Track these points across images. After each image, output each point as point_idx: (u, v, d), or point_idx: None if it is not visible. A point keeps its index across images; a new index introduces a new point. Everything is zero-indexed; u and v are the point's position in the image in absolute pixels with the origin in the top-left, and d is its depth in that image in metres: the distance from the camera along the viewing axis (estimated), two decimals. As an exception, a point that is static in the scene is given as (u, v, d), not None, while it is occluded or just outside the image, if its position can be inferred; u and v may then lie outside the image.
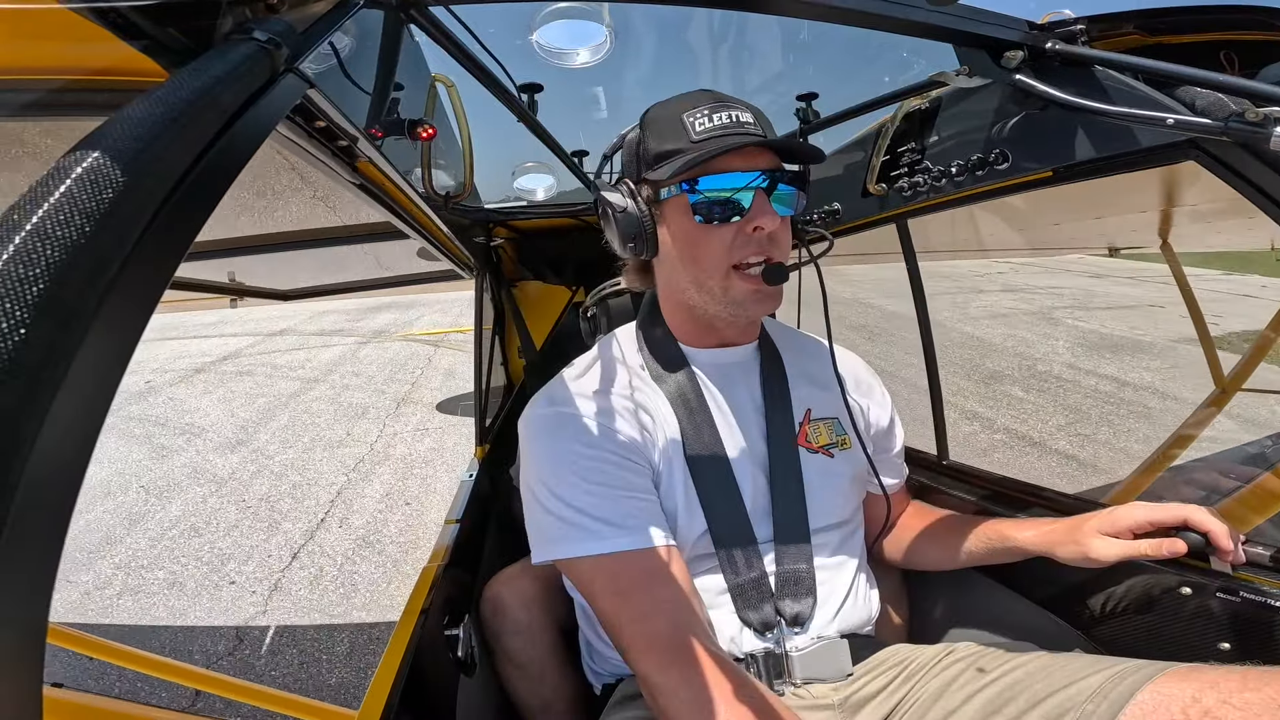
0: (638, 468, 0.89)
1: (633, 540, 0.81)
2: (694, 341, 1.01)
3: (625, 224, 0.91)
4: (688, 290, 0.94)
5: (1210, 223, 1.90)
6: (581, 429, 0.89)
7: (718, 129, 0.87)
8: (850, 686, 0.90)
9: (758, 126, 0.89)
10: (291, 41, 0.46)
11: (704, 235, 0.89)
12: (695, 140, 0.87)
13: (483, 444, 2.07)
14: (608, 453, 0.87)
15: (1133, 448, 4.44)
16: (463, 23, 0.90)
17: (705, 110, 0.89)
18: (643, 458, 0.90)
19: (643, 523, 0.83)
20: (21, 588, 0.25)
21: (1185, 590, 0.94)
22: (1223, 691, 0.62)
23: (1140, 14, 0.83)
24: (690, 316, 0.99)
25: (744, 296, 0.90)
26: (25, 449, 0.24)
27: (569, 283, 2.36)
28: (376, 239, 1.71)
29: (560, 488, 0.85)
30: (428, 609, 1.01)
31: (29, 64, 0.48)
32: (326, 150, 0.79)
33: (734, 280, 0.89)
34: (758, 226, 0.86)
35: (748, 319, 0.96)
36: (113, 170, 0.30)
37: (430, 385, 7.04)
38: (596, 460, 0.86)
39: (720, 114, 0.88)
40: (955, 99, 1.15)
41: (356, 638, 2.75)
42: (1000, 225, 1.93)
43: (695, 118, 0.88)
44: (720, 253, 0.89)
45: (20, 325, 0.25)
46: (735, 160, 0.87)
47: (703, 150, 0.85)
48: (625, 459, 0.88)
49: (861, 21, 0.80)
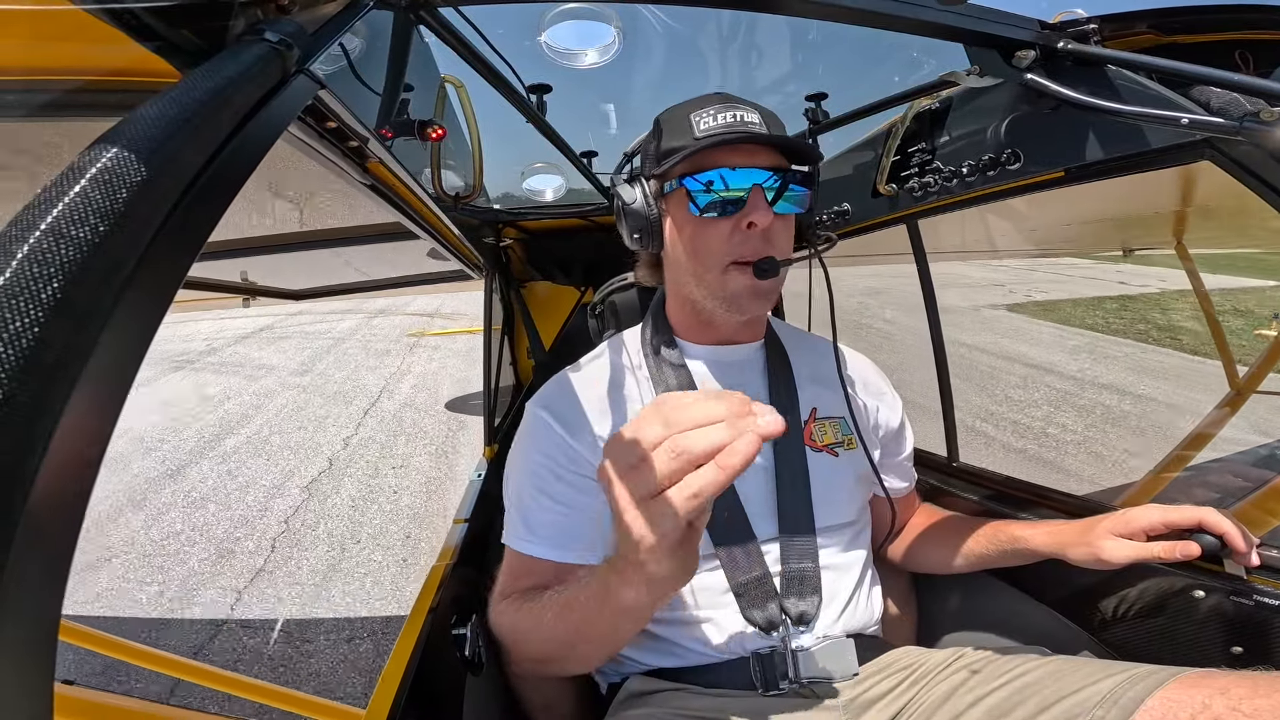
0: (582, 481, 0.92)
1: (536, 549, 0.91)
2: (696, 338, 1.03)
3: (634, 217, 0.95)
4: (689, 284, 0.96)
5: (1225, 223, 1.88)
6: (544, 437, 0.95)
7: (720, 127, 0.89)
8: (857, 688, 0.89)
9: (763, 127, 0.90)
10: (302, 43, 0.46)
11: (702, 229, 0.91)
12: (698, 137, 0.89)
13: (491, 444, 2.07)
14: (556, 464, 0.93)
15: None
16: (472, 23, 0.90)
17: (712, 110, 0.90)
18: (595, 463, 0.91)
19: (552, 535, 0.91)
20: (35, 584, 0.25)
21: (1198, 593, 0.93)
22: (1232, 698, 0.61)
23: (1153, 13, 0.83)
24: (693, 312, 1.00)
25: (739, 291, 0.91)
26: (40, 448, 0.25)
27: (578, 283, 2.36)
28: (387, 239, 1.72)
29: (516, 484, 0.97)
30: (435, 608, 1.02)
31: (44, 65, 0.49)
32: (337, 151, 0.79)
33: (731, 275, 0.91)
34: (751, 222, 0.88)
35: (743, 315, 0.96)
36: (127, 170, 0.30)
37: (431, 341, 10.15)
38: (545, 468, 0.93)
39: (725, 114, 0.89)
40: (966, 99, 1.14)
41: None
42: (1011, 226, 1.92)
43: (701, 117, 0.91)
44: (718, 247, 0.90)
45: (35, 324, 0.25)
46: (734, 156, 0.88)
47: (708, 149, 0.87)
48: (571, 472, 0.92)
49: (871, 21, 0.80)
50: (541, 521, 0.92)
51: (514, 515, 0.95)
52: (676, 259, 0.97)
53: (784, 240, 0.93)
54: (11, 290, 0.25)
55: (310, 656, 2.67)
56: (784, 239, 0.92)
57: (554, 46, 1.29)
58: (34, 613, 0.25)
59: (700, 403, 0.51)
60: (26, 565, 0.24)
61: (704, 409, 0.51)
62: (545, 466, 0.93)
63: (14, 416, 0.24)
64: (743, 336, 1.03)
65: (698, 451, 0.49)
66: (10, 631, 0.24)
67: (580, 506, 0.91)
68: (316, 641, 2.77)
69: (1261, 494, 1.04)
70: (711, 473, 0.49)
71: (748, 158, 0.88)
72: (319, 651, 2.70)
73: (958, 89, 1.11)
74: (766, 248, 0.89)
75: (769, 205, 0.88)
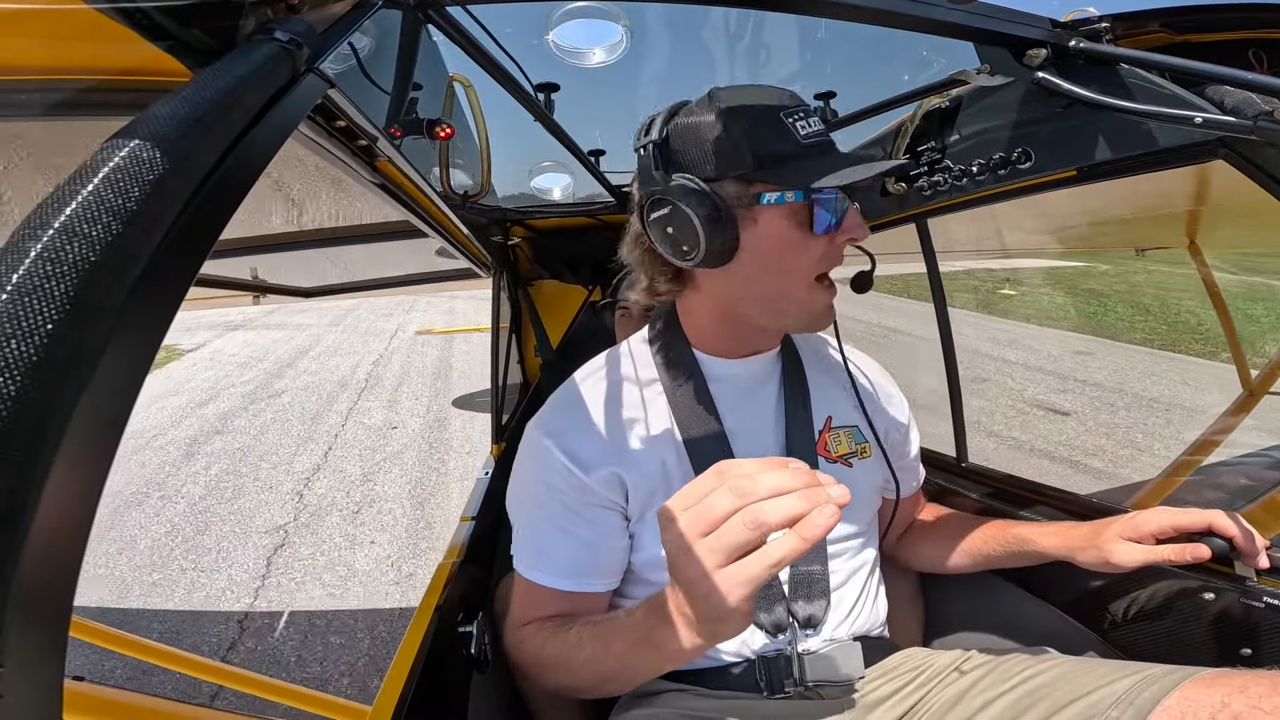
0: (593, 511, 0.90)
1: (551, 580, 0.90)
2: (722, 352, 0.96)
3: (705, 226, 0.80)
4: (755, 301, 0.89)
5: (1239, 223, 1.86)
6: (550, 469, 0.90)
7: (816, 134, 0.83)
8: (864, 690, 0.89)
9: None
10: (312, 42, 0.47)
11: (803, 245, 0.83)
12: (806, 145, 0.81)
13: (498, 442, 2.08)
14: (566, 497, 0.89)
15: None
16: (480, 22, 0.90)
17: (800, 112, 0.82)
18: (609, 495, 0.90)
19: (568, 566, 0.90)
20: (45, 581, 0.25)
21: (1208, 595, 0.92)
22: (1252, 696, 0.61)
23: (1166, 12, 0.82)
24: (732, 327, 0.94)
25: (826, 307, 0.88)
26: (52, 444, 0.25)
27: (585, 282, 2.37)
28: (395, 238, 1.73)
29: (525, 513, 0.95)
30: (442, 606, 1.02)
31: (57, 64, 0.49)
32: (346, 150, 0.80)
33: (818, 292, 0.86)
34: (852, 238, 0.85)
35: (819, 330, 0.93)
36: (139, 169, 0.30)
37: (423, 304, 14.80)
38: (555, 500, 0.90)
39: (811, 117, 0.83)
40: (976, 97, 1.13)
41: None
42: (1021, 225, 1.90)
43: (795, 120, 0.81)
44: (811, 263, 0.85)
45: (48, 322, 0.25)
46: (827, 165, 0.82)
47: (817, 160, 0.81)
48: (582, 503, 0.89)
49: (882, 20, 0.79)
50: (556, 553, 0.90)
51: (526, 543, 0.93)
52: (748, 273, 0.86)
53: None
54: (26, 287, 0.25)
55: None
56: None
57: (562, 45, 1.28)
58: (44, 609, 0.26)
59: (768, 473, 0.54)
60: (35, 564, 0.24)
61: (774, 480, 0.53)
62: (554, 499, 0.90)
63: (27, 413, 0.24)
64: (769, 345, 0.99)
65: (774, 524, 0.52)
66: (21, 627, 0.24)
67: (593, 538, 0.89)
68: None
69: (1272, 496, 1.03)
70: (794, 541, 0.51)
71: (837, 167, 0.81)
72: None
73: (968, 87, 1.11)
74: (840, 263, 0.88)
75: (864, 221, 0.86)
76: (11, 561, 0.23)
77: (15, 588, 0.23)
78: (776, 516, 0.51)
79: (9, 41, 0.46)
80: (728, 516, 0.53)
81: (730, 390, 0.96)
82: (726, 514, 0.54)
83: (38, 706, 0.25)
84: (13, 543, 0.23)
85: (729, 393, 0.96)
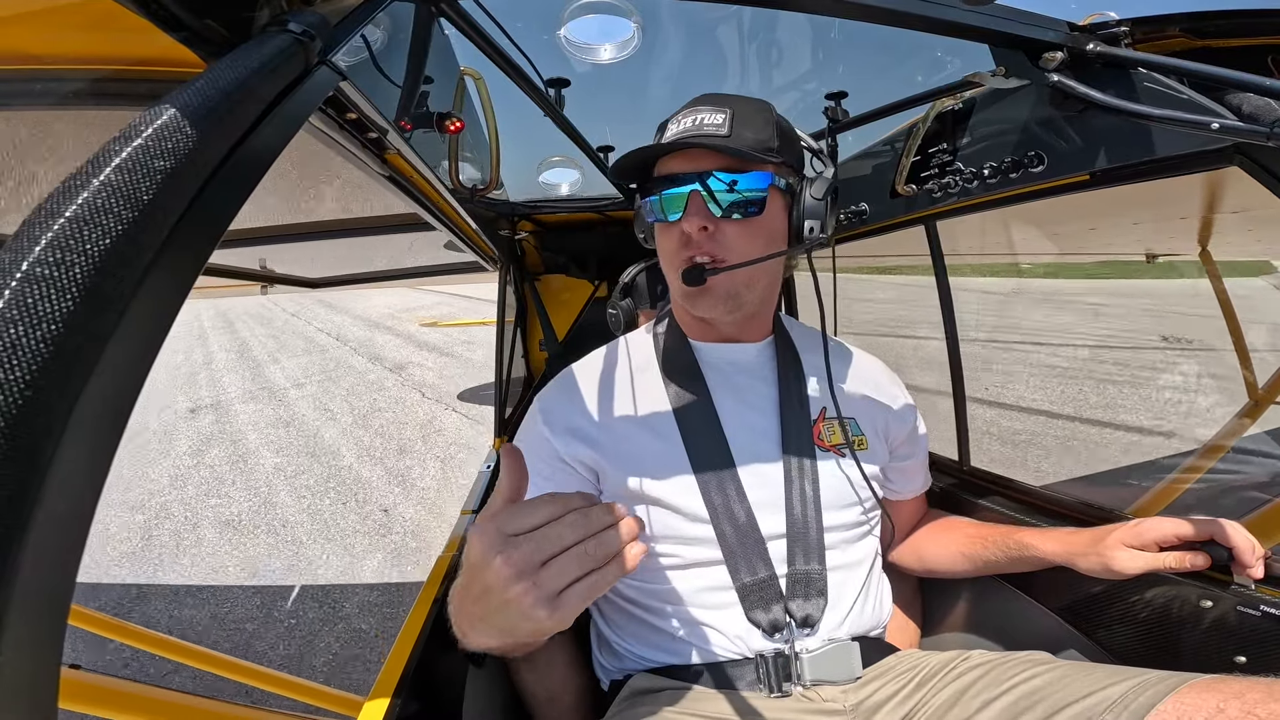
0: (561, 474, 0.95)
1: None
2: (700, 336, 1.04)
3: (637, 222, 1.02)
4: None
5: (1252, 230, 1.85)
6: (535, 438, 0.97)
7: (678, 133, 0.90)
8: (862, 691, 0.89)
9: (726, 127, 0.88)
10: (325, 34, 0.47)
11: (663, 234, 0.96)
12: (664, 146, 0.91)
13: (501, 435, 2.08)
14: (543, 464, 0.95)
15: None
16: (491, 16, 0.90)
17: (683, 115, 0.91)
18: (581, 473, 0.95)
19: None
20: (47, 568, 0.25)
21: (1205, 603, 0.92)
22: (1248, 702, 0.60)
23: (1186, 16, 0.81)
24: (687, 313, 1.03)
25: (684, 295, 0.95)
26: (58, 431, 0.25)
27: (592, 277, 2.37)
28: (403, 230, 1.73)
29: None
30: (440, 599, 1.02)
31: (75, 54, 0.50)
32: (357, 142, 0.80)
33: (677, 279, 0.94)
34: (683, 229, 0.90)
35: (697, 313, 0.98)
36: (152, 158, 0.30)
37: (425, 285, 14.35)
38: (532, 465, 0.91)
39: (689, 118, 0.90)
40: (989, 99, 1.12)
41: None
42: (1031, 229, 1.89)
43: (672, 122, 0.93)
44: (672, 251, 0.94)
45: (58, 309, 0.25)
46: (676, 162, 0.91)
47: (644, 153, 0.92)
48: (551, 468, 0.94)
49: (895, 21, 0.78)
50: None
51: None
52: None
53: (741, 242, 0.90)
54: (37, 275, 0.25)
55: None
56: (740, 241, 0.90)
57: (573, 41, 1.28)
58: (44, 595, 0.26)
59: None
60: (37, 552, 0.25)
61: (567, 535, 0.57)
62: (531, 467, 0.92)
63: (34, 400, 0.24)
64: (747, 335, 1.04)
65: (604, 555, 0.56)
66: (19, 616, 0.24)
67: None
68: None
69: (1273, 506, 1.03)
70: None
71: (690, 163, 0.90)
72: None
73: (982, 89, 1.10)
74: (713, 250, 0.90)
75: (707, 210, 0.89)
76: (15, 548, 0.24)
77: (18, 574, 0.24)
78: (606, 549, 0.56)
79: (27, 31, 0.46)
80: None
81: (723, 376, 1.01)
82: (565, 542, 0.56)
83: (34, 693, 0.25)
84: (16, 529, 0.24)
85: (722, 378, 1.01)
